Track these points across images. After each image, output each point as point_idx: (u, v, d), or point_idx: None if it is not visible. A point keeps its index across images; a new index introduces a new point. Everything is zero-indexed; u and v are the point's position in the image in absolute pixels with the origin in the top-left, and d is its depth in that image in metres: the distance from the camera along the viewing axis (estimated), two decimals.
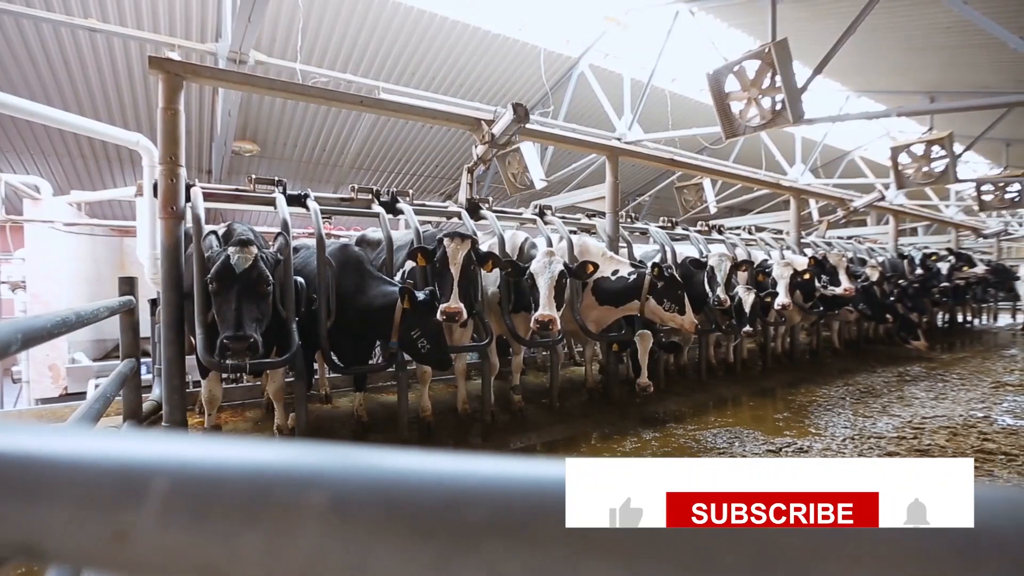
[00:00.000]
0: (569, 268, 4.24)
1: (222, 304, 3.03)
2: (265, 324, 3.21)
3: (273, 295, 3.35)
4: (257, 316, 3.07)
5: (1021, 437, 4.52)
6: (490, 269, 4.09)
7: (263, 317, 3.17)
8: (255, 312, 3.06)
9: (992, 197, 12.65)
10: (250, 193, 4.06)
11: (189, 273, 3.57)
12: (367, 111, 4.66)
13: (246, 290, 3.02)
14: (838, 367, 7.60)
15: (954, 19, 7.34)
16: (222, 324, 3.01)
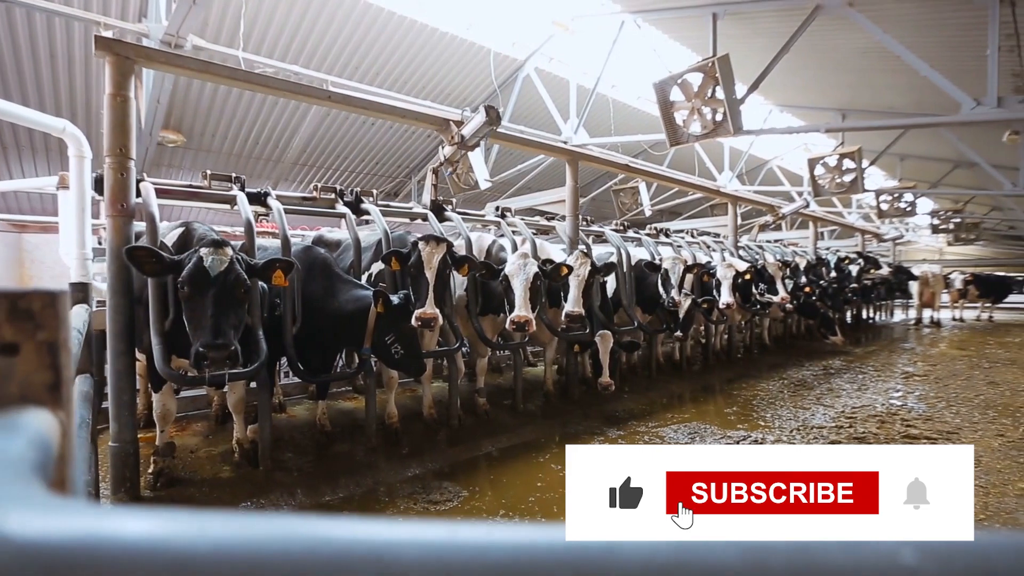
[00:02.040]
0: (543, 270, 4.28)
1: (195, 310, 2.78)
2: (241, 331, 2.99)
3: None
4: (235, 323, 2.85)
5: (936, 423, 5.08)
6: (466, 273, 4.03)
7: (240, 323, 2.95)
8: (233, 318, 2.84)
9: (888, 206, 14.15)
10: (206, 190, 3.75)
11: (140, 277, 3.25)
12: (334, 107, 4.44)
13: (222, 295, 2.79)
14: (770, 362, 8.19)
15: (870, 44, 8.11)
16: (197, 331, 2.76)
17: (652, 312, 6.52)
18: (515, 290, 4.12)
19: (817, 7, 7.11)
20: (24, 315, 0.56)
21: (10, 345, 0.56)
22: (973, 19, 6.54)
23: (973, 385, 6.69)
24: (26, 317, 0.56)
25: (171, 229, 3.53)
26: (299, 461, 3.92)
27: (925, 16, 7.17)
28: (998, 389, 6.49)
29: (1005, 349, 9.94)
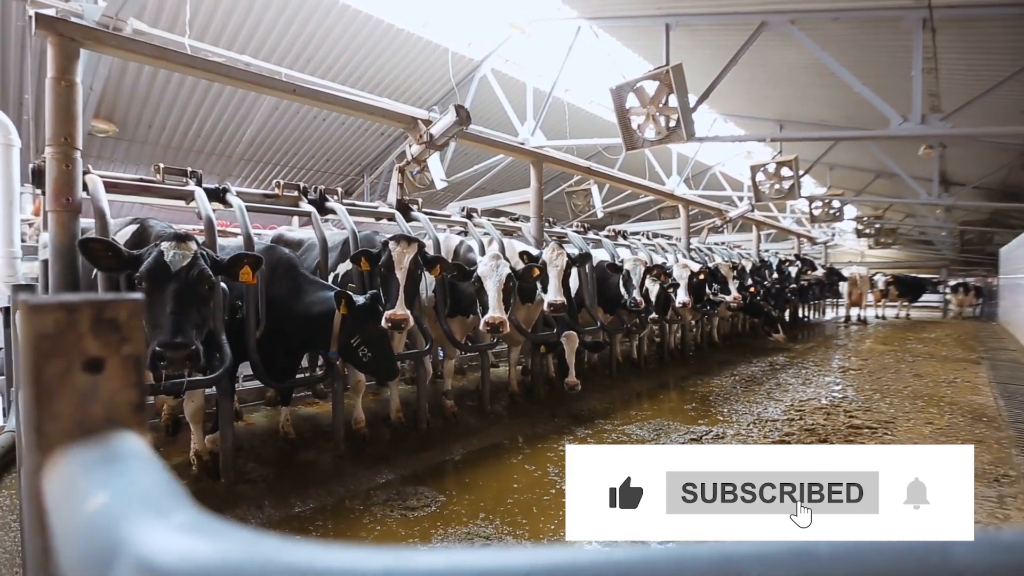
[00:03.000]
0: (515, 271, 4.27)
1: (154, 308, 2.58)
2: (205, 331, 2.80)
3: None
4: (197, 322, 2.66)
5: (875, 413, 5.48)
6: (438, 274, 3.97)
7: (204, 323, 2.76)
8: (195, 317, 2.64)
9: (820, 212, 15.15)
10: (160, 185, 3.49)
11: (88, 278, 2.99)
12: (299, 100, 4.24)
13: (184, 291, 2.60)
14: (720, 359, 8.56)
15: (806, 61, 8.64)
16: (154, 331, 2.56)
17: (613, 312, 6.66)
18: (488, 291, 4.09)
19: (763, 23, 7.50)
20: (110, 326, 0.50)
21: (96, 361, 0.49)
22: (899, 43, 7.10)
23: (901, 377, 7.27)
24: (112, 328, 0.50)
25: (122, 226, 3.26)
26: (263, 471, 3.73)
27: (858, 37, 7.73)
28: (922, 381, 7.08)
29: (924, 344, 10.87)
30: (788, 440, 4.66)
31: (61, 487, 0.40)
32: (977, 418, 5.42)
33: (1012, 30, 6.43)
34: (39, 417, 0.47)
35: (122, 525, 0.30)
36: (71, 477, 0.40)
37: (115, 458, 0.42)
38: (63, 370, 0.48)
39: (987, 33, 6.75)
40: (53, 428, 0.47)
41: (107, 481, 0.37)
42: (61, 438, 0.47)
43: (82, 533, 0.31)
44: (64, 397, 0.48)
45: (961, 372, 7.69)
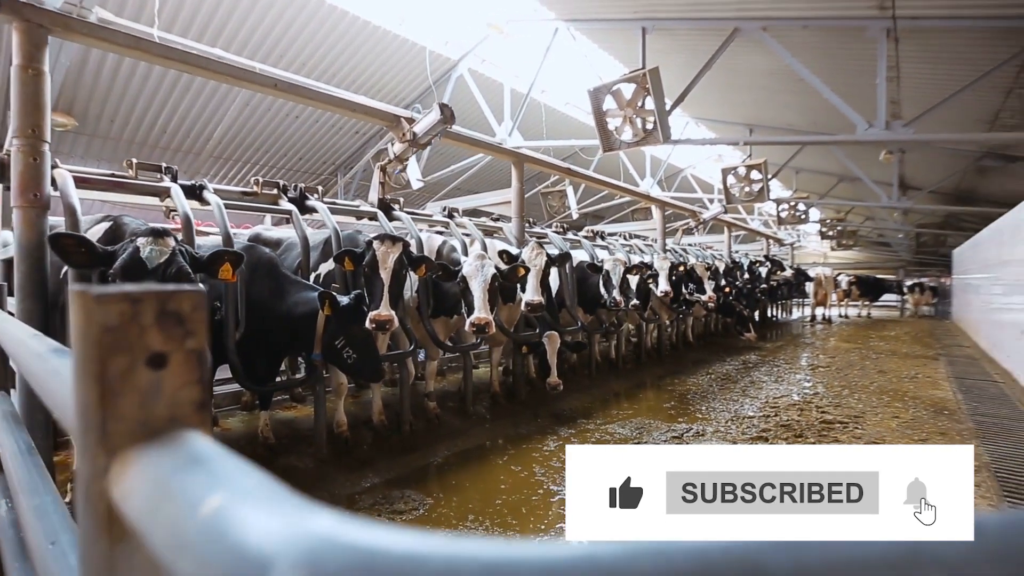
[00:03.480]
0: (500, 270, 4.26)
1: None
2: None
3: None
4: None
5: (845, 408, 5.67)
6: (423, 274, 3.92)
7: None
8: None
9: (787, 214, 15.63)
10: (133, 180, 3.35)
11: (56, 278, 2.85)
12: (279, 95, 4.12)
13: None
14: (695, 358, 8.72)
15: (775, 67, 8.90)
16: None
17: (593, 312, 6.71)
18: (474, 292, 4.06)
19: (736, 29, 7.68)
20: (174, 319, 0.47)
21: (159, 356, 0.46)
22: (864, 51, 7.38)
23: (867, 374, 7.55)
24: (176, 321, 0.47)
25: (93, 224, 3.11)
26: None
27: (825, 45, 7.99)
28: (886, 377, 7.37)
29: (885, 342, 11.32)
30: (766, 436, 4.78)
31: (148, 491, 0.37)
32: (939, 411, 5.66)
33: (969, 42, 6.76)
34: (103, 417, 0.44)
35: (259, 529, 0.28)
36: (160, 481, 0.37)
37: (200, 459, 0.39)
38: (127, 366, 0.45)
39: (946, 44, 7.08)
40: (117, 429, 0.44)
41: (211, 483, 0.34)
42: (126, 440, 0.44)
43: (205, 539, 0.28)
44: (128, 395, 0.45)
45: (921, 368, 8.04)
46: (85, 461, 0.45)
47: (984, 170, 11.75)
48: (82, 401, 0.45)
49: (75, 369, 0.46)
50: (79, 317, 0.45)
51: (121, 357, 0.44)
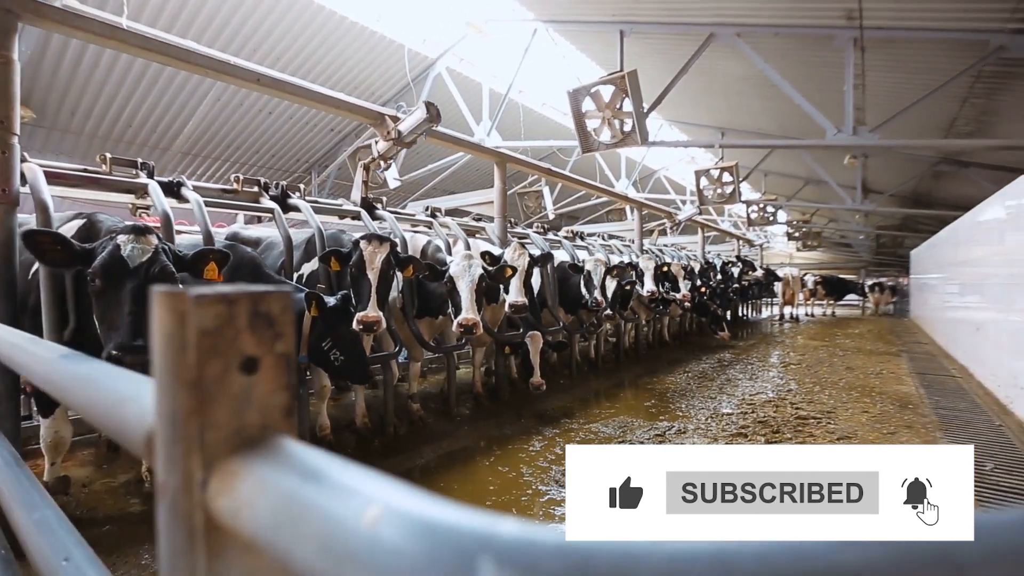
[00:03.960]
0: (488, 271, 4.24)
1: (109, 308, 2.36)
2: None
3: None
4: None
5: (817, 404, 5.86)
6: (411, 274, 3.87)
7: None
8: None
9: (756, 216, 16.06)
10: (108, 177, 3.21)
11: (26, 279, 2.71)
12: (262, 91, 4.00)
13: (143, 290, 2.38)
14: (672, 358, 8.88)
15: (747, 73, 9.13)
16: (109, 333, 2.34)
17: (574, 313, 6.76)
18: (461, 292, 4.04)
19: (711, 35, 7.85)
20: (265, 321, 0.45)
21: (251, 360, 0.45)
22: (832, 59, 7.64)
23: (835, 371, 7.81)
24: (267, 323, 0.45)
25: (65, 221, 2.97)
26: None
27: (796, 52, 8.24)
28: (854, 373, 7.65)
29: (851, 339, 11.74)
30: (745, 432, 4.89)
31: (276, 505, 0.35)
32: (904, 406, 5.90)
33: (929, 54, 7.07)
34: (200, 427, 0.42)
35: (448, 532, 0.27)
36: (291, 494, 0.35)
37: (318, 468, 0.38)
38: (222, 371, 0.43)
39: (907, 55, 7.39)
40: (214, 438, 0.42)
41: (356, 493, 0.33)
42: (223, 449, 0.42)
43: (379, 549, 0.27)
44: (223, 402, 0.43)
45: (885, 364, 8.37)
46: (174, 473, 0.43)
47: (940, 175, 12.33)
48: (170, 410, 0.43)
49: (163, 376, 0.43)
50: (169, 320, 0.43)
51: (217, 362, 0.42)
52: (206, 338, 0.42)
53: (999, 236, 6.57)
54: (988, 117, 8.55)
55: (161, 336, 0.43)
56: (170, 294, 0.43)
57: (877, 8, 6.39)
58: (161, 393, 0.44)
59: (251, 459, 0.41)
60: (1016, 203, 5.91)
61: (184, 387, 0.42)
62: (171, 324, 0.42)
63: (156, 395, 0.45)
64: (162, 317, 0.43)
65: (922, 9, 6.24)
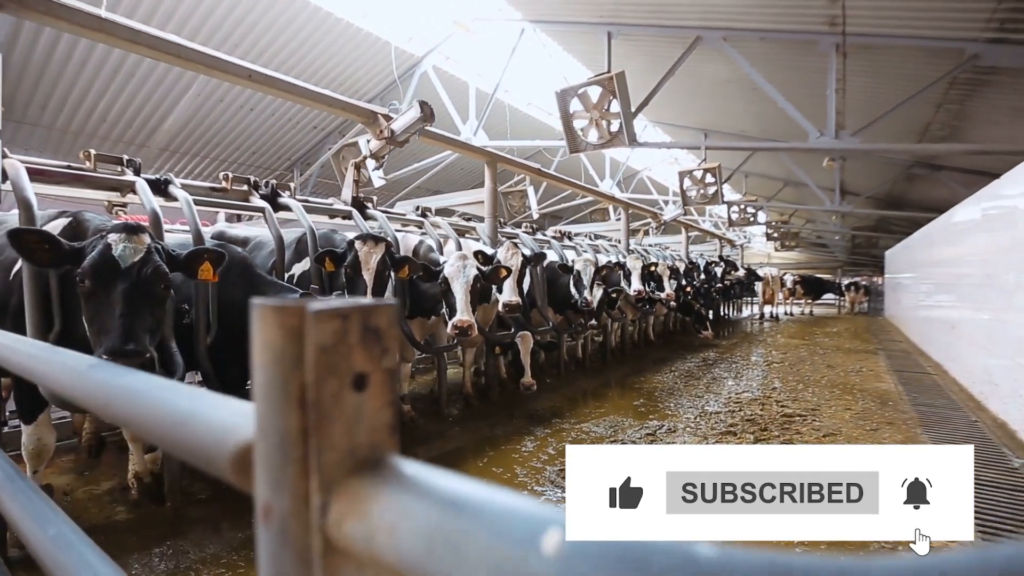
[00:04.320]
0: (482, 271, 4.22)
1: (99, 310, 2.27)
2: (159, 337, 2.51)
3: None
4: (151, 326, 2.37)
5: (802, 402, 5.98)
6: (406, 275, 3.82)
7: (158, 328, 2.46)
8: (148, 320, 2.35)
9: (737, 216, 16.31)
10: (93, 174, 3.10)
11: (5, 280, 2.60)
12: (253, 87, 3.89)
13: (136, 291, 2.30)
14: (657, 357, 8.97)
15: (732, 76, 9.27)
16: (100, 336, 2.25)
17: (563, 313, 6.77)
18: (456, 293, 4.01)
19: (698, 38, 7.94)
20: (374, 336, 0.44)
21: (362, 376, 0.43)
22: (815, 63, 7.80)
23: (817, 368, 7.99)
24: (376, 338, 0.44)
25: (48, 220, 2.85)
26: (214, 491, 3.41)
27: (779, 56, 8.38)
28: (835, 371, 7.83)
29: (829, 338, 12.02)
30: (733, 431, 4.96)
31: (423, 531, 0.33)
32: (884, 403, 6.06)
33: (906, 60, 7.27)
34: (319, 447, 0.40)
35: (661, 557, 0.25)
36: (437, 516, 0.34)
37: (453, 488, 0.36)
38: (337, 389, 0.41)
39: (886, 61, 7.59)
40: (331, 459, 0.40)
41: (514, 514, 0.31)
42: (340, 471, 0.40)
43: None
44: (338, 421, 0.41)
45: (864, 362, 8.59)
46: (283, 496, 0.41)
47: (913, 178, 12.68)
48: (280, 429, 0.41)
49: (270, 394, 0.41)
50: (280, 335, 0.40)
51: (333, 380, 0.40)
52: (323, 355, 0.40)
53: (974, 238, 6.80)
54: (960, 122, 8.83)
55: (269, 352, 0.41)
56: (282, 308, 0.40)
57: (859, 15, 6.55)
58: (268, 411, 0.41)
59: (375, 480, 0.39)
60: (991, 205, 6.11)
61: (297, 406, 0.40)
62: (282, 340, 0.40)
63: (259, 413, 0.42)
64: (270, 332, 0.41)
65: (902, 17, 6.40)
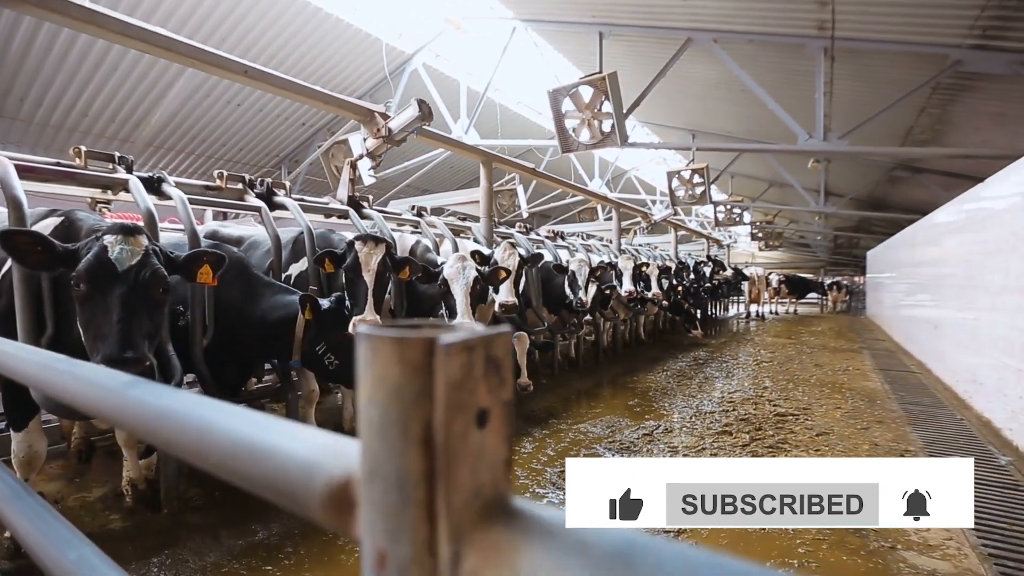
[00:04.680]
0: (482, 272, 4.19)
1: (95, 315, 2.19)
2: (157, 342, 2.44)
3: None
4: (149, 331, 2.30)
5: (793, 401, 6.05)
6: (407, 276, 3.77)
7: (156, 333, 2.39)
8: (146, 326, 2.27)
9: (724, 216, 16.48)
10: (84, 171, 3.00)
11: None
12: (249, 84, 3.79)
13: (133, 295, 2.22)
14: (649, 356, 9.02)
15: (722, 77, 9.34)
16: (97, 343, 2.17)
17: (557, 313, 6.77)
18: (456, 296, 3.97)
19: (689, 39, 7.99)
20: (494, 367, 0.41)
21: (484, 411, 0.41)
22: (801, 67, 7.90)
23: (805, 368, 8.11)
24: (494, 369, 0.42)
25: (39, 218, 2.75)
26: (212, 497, 3.34)
27: (767, 59, 8.46)
28: (823, 370, 7.95)
29: (815, 336, 12.22)
30: (729, 430, 5.00)
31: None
32: (872, 401, 6.17)
33: (892, 64, 7.38)
34: (447, 490, 0.37)
35: None
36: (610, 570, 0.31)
37: (617, 538, 0.34)
38: (464, 427, 0.38)
39: (872, 66, 7.70)
40: (460, 502, 0.38)
41: (692, 567, 0.29)
42: (471, 515, 0.38)
43: None
44: (465, 461, 0.38)
45: (850, 361, 8.74)
46: (402, 544, 0.38)
47: (895, 180, 12.93)
48: (398, 471, 0.38)
49: (386, 432, 0.39)
50: (401, 370, 0.38)
51: (460, 417, 0.38)
52: (453, 391, 0.37)
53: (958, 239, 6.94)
54: (942, 126, 9.01)
55: (383, 388, 0.38)
56: (403, 341, 0.38)
57: (847, 20, 6.63)
58: (382, 450, 0.39)
59: (511, 527, 0.37)
60: (975, 207, 6.25)
61: (419, 445, 0.37)
62: (401, 375, 0.38)
63: (370, 451, 0.40)
64: (386, 367, 0.38)
65: (888, 22, 6.51)
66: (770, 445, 4.57)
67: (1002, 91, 7.11)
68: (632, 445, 4.57)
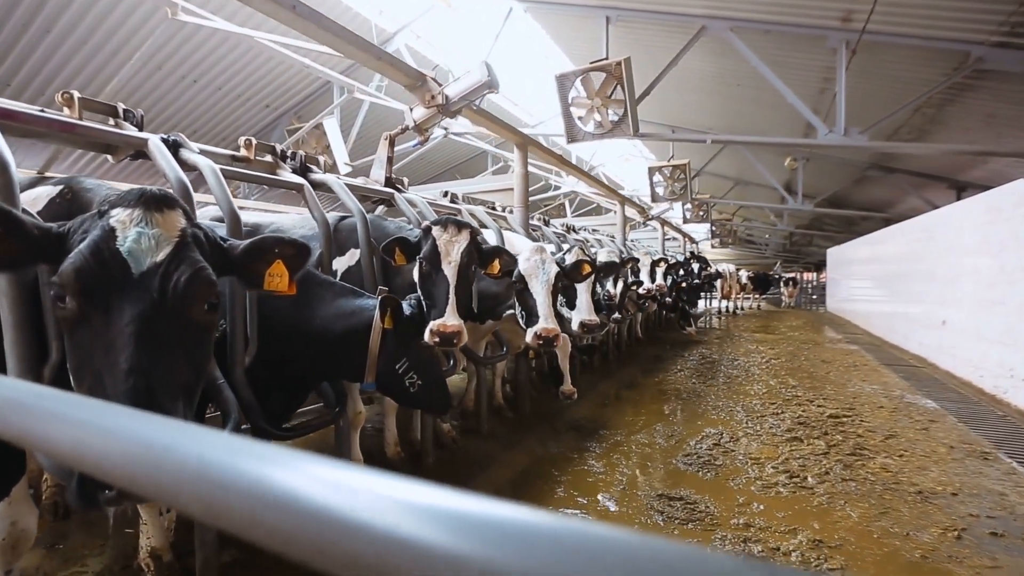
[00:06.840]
0: (563, 268, 3.56)
1: (92, 353, 1.27)
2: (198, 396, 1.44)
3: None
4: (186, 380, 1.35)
5: (833, 400, 5.83)
6: (497, 271, 3.07)
7: (197, 381, 1.42)
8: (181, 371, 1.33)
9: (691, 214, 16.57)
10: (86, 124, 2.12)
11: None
12: (295, 25, 2.90)
13: (160, 318, 1.30)
14: (652, 355, 8.69)
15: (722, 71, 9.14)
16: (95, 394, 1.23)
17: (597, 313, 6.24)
18: (536, 294, 3.32)
19: (703, 27, 7.68)
20: None
21: None
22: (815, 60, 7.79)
23: (814, 364, 8.03)
24: None
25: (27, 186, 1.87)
26: (255, 561, 2.53)
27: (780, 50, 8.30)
28: (832, 365, 7.90)
29: (796, 331, 12.40)
30: (796, 435, 4.65)
31: None
32: (903, 398, 6.05)
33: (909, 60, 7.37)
34: None
35: None
36: None
37: None
38: None
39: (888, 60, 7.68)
40: None
41: None
42: None
43: None
44: None
45: (851, 356, 8.78)
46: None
47: (864, 179, 13.35)
48: None
49: None
50: None
51: None
52: None
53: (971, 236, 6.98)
54: (931, 126, 9.23)
55: None
56: None
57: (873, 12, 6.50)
58: None
59: None
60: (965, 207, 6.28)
61: None
62: None
63: None
64: None
65: (913, 15, 6.43)
66: (850, 452, 4.25)
67: (1006, 91, 7.27)
68: (711, 459, 4.10)
